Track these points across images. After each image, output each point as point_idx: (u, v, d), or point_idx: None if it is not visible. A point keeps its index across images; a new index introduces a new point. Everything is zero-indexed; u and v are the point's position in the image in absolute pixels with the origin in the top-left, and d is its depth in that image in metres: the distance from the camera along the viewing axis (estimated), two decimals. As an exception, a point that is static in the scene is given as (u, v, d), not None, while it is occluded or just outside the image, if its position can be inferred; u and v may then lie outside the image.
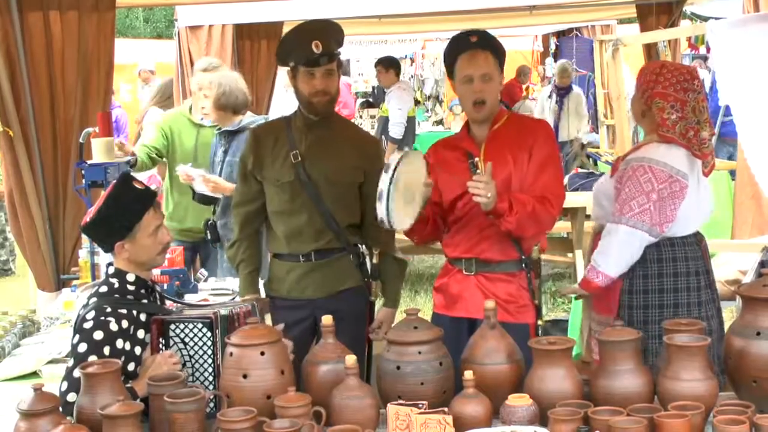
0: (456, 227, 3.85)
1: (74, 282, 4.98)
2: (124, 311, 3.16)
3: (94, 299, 3.19)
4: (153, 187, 4.06)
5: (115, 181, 3.33)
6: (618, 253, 3.75)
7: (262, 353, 2.87)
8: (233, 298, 4.80)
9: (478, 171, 3.67)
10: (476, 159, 3.73)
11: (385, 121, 10.72)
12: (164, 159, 5.90)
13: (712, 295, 3.88)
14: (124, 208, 3.24)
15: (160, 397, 2.77)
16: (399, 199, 3.48)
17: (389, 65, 10.91)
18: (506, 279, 3.80)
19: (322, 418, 2.77)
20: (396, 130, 10.44)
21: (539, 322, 3.81)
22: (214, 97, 5.38)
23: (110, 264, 3.32)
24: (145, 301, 3.28)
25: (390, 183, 3.43)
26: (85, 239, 4.99)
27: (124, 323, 3.13)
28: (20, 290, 8.30)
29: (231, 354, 2.90)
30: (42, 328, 4.46)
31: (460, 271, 3.86)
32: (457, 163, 3.81)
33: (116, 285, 3.23)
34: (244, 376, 2.85)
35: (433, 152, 3.95)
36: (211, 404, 3.00)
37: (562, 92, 12.30)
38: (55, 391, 2.87)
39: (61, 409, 2.79)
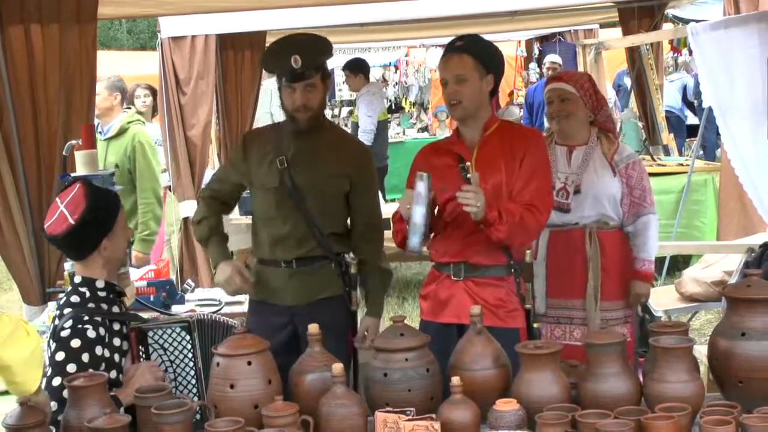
0: (445, 232, 3.84)
1: (60, 295, 4.95)
2: (100, 319, 3.15)
3: (69, 309, 3.17)
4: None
5: (80, 184, 3.31)
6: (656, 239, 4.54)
7: (249, 363, 2.87)
8: (220, 309, 4.80)
9: (468, 175, 3.67)
10: (467, 164, 3.72)
11: (356, 127, 10.12)
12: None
13: None
14: (108, 205, 3.28)
15: (146, 409, 2.77)
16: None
17: (357, 69, 10.24)
18: (495, 283, 3.79)
19: (309, 426, 2.77)
20: (366, 138, 9.72)
21: (535, 325, 3.81)
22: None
23: (73, 274, 3.33)
24: (116, 307, 3.27)
25: (425, 215, 3.47)
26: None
27: (101, 330, 3.12)
28: (7, 304, 8.28)
29: (218, 364, 2.90)
30: (28, 342, 4.42)
31: (448, 276, 3.83)
32: (446, 168, 3.80)
33: (87, 294, 3.22)
34: (231, 386, 2.85)
35: (422, 157, 3.93)
36: (198, 416, 2.99)
37: None
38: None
39: None
